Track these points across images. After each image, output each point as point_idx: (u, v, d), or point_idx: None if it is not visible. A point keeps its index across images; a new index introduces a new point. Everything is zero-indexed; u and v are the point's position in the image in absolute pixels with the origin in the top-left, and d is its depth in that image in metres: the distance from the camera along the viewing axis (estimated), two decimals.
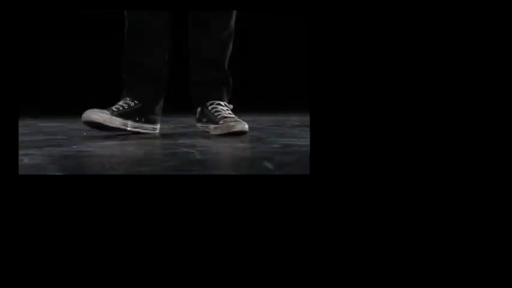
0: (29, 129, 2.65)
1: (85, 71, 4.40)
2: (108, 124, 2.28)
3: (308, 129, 1.43)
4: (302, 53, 2.94)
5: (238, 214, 1.25)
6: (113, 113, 2.31)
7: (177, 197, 1.27)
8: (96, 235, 1.27)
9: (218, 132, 2.33)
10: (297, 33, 3.84)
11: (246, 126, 2.32)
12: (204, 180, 1.33)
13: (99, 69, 4.18)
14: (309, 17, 1.35)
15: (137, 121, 2.39)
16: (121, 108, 2.36)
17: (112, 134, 2.32)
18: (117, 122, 2.32)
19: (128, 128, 2.36)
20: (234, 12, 2.50)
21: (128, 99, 2.40)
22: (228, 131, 2.30)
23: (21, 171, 1.42)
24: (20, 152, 1.74)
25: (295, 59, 4.03)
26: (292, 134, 2.46)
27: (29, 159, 1.69)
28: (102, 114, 2.28)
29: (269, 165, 1.48)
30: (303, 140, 2.09)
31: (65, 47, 4.46)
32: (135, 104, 2.39)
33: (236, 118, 2.37)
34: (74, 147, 2.00)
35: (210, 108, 2.44)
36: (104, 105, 2.47)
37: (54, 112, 3.54)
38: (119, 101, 2.42)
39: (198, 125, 2.51)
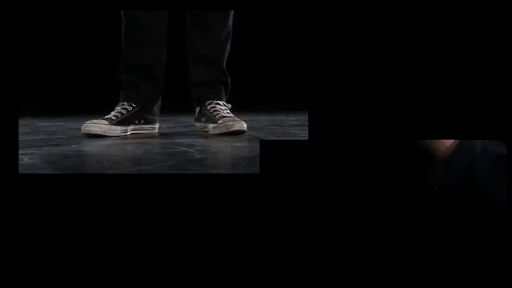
0: (28, 128, 2.66)
1: (85, 71, 4.40)
2: (108, 134, 2.28)
3: (306, 128, 1.43)
4: (301, 52, 2.94)
5: (237, 213, 1.26)
6: (111, 122, 2.31)
7: (176, 196, 1.27)
8: (96, 234, 1.27)
9: (217, 131, 2.33)
10: (295, 33, 3.84)
11: (244, 126, 2.32)
12: (202, 179, 1.34)
13: (99, 69, 4.18)
14: (308, 16, 1.35)
15: (136, 124, 2.40)
16: (119, 115, 2.36)
17: None
18: (117, 130, 2.32)
19: (128, 133, 2.36)
20: (232, 12, 2.50)
21: (126, 103, 2.40)
22: (226, 131, 2.30)
23: (21, 170, 1.42)
24: (20, 152, 1.75)
25: (293, 58, 4.03)
26: (290, 133, 2.46)
27: (29, 158, 1.69)
28: (101, 126, 2.28)
29: None
30: (301, 139, 2.09)
31: (65, 46, 4.45)
32: (132, 107, 2.39)
33: (235, 117, 2.37)
34: (73, 146, 2.00)
35: (208, 107, 2.45)
36: (104, 105, 2.48)
37: (54, 111, 3.54)
38: (116, 105, 2.42)
39: (197, 124, 2.51)
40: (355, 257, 1.15)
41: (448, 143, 1.16)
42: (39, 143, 2.08)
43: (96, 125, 2.27)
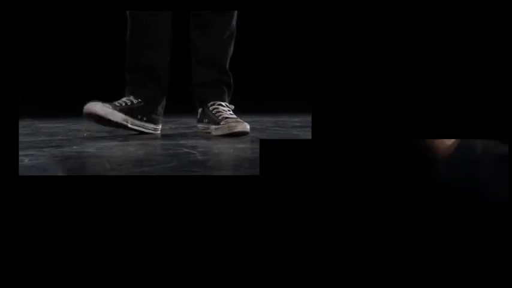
0: (29, 129, 2.65)
1: (86, 71, 4.40)
2: (110, 118, 2.27)
3: (309, 129, 1.43)
4: (304, 53, 2.94)
5: (239, 214, 1.25)
6: (115, 108, 2.31)
7: (178, 198, 1.27)
8: (97, 236, 1.26)
9: (219, 132, 2.32)
10: (298, 33, 3.84)
11: (247, 127, 2.31)
12: (205, 181, 1.33)
13: (98, 69, 4.18)
14: (311, 17, 1.35)
15: (139, 119, 2.39)
16: (124, 104, 2.35)
17: (112, 130, 2.33)
18: (118, 117, 2.31)
19: (129, 125, 2.35)
20: (235, 12, 2.50)
21: (132, 97, 2.40)
22: (229, 132, 2.29)
23: (21, 172, 1.41)
24: (21, 153, 1.74)
25: (296, 58, 4.03)
26: (293, 134, 2.45)
27: (30, 159, 1.69)
28: (105, 108, 2.27)
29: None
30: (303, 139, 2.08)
31: (65, 46, 4.46)
32: (138, 102, 2.39)
33: (237, 119, 2.36)
34: (74, 148, 1.99)
35: (211, 108, 2.44)
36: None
37: (55, 112, 3.54)
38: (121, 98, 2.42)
39: (199, 125, 2.51)
40: (355, 257, 1.15)
41: (449, 142, 1.15)
42: (39, 144, 2.07)
43: (99, 106, 2.26)
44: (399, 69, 1.32)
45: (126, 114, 2.34)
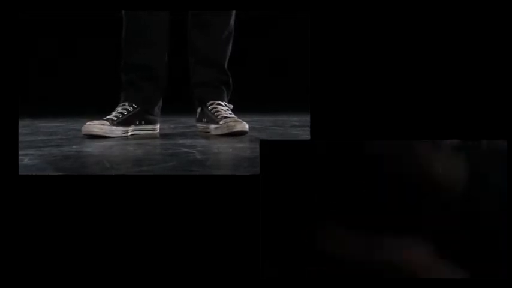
0: (28, 129, 2.65)
1: (85, 71, 4.40)
2: (109, 135, 2.27)
3: (308, 129, 1.43)
4: (303, 52, 2.94)
5: (239, 214, 1.25)
6: (112, 123, 2.30)
7: (177, 197, 1.27)
8: (97, 235, 1.26)
9: (218, 132, 2.32)
10: (297, 33, 3.84)
11: (246, 127, 2.32)
12: (204, 180, 1.33)
13: (98, 69, 4.18)
14: (310, 16, 1.35)
15: (137, 124, 2.39)
16: (120, 116, 2.35)
17: None
18: (118, 131, 2.31)
19: (129, 134, 2.36)
20: (234, 12, 2.50)
21: (126, 104, 2.40)
22: (228, 131, 2.29)
23: (21, 171, 1.41)
24: (20, 152, 1.74)
25: (295, 58, 4.04)
26: (292, 134, 2.45)
27: (29, 159, 1.69)
28: (102, 126, 2.27)
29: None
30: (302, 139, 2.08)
31: (65, 46, 4.46)
32: (133, 108, 2.39)
33: (236, 118, 2.36)
34: (74, 147, 1.99)
35: (210, 108, 2.44)
36: (104, 105, 2.47)
37: (54, 112, 3.54)
38: (117, 105, 2.41)
39: (198, 125, 2.51)
40: (356, 257, 1.15)
41: (449, 143, 1.15)
42: (39, 144, 2.07)
43: (97, 126, 2.26)
44: (399, 69, 1.32)
45: (124, 125, 2.34)
